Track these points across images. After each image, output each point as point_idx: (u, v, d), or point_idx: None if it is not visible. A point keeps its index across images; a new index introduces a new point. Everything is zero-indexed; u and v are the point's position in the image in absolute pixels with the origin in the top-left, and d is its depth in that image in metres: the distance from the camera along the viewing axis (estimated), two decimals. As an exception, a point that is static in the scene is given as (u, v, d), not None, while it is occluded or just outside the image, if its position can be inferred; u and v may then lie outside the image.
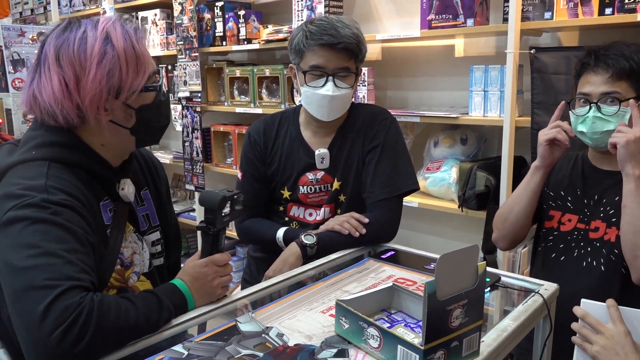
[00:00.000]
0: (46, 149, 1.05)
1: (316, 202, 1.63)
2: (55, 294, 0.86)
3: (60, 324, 0.84)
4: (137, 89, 1.07)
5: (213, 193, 1.12)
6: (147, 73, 1.08)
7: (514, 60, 1.97)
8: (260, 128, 1.68)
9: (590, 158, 1.58)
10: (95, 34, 1.04)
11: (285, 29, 2.74)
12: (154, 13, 3.48)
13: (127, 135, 1.12)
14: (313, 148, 1.62)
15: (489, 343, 0.96)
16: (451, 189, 2.26)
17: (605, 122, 1.40)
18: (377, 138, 1.59)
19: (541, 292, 1.19)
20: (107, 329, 0.89)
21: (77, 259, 0.93)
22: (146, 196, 1.26)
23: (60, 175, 1.02)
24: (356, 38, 1.50)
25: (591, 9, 1.84)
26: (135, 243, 1.19)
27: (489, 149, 2.40)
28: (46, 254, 0.90)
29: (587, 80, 1.44)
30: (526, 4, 1.98)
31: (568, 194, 1.56)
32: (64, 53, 1.03)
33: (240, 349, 0.94)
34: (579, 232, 1.52)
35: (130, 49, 1.06)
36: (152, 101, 1.11)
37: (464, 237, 2.49)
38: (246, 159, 1.68)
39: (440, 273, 0.81)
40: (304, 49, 1.51)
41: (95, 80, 1.02)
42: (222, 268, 1.13)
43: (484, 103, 2.15)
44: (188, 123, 3.29)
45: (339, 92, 1.52)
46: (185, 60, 3.22)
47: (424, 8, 2.21)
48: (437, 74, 2.54)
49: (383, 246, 1.54)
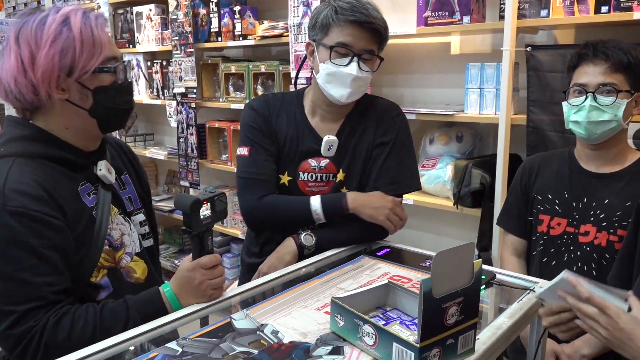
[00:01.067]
0: (11, 145, 1.09)
1: (314, 192, 1.55)
2: (12, 320, 0.95)
3: (14, 348, 0.95)
4: (90, 69, 1.08)
5: (186, 197, 1.12)
6: (102, 56, 1.10)
7: (510, 58, 1.97)
8: (263, 102, 1.58)
9: (577, 157, 1.57)
10: (54, 17, 1.07)
11: (280, 25, 2.72)
12: (149, 8, 3.45)
13: (87, 117, 1.12)
14: (320, 134, 1.54)
15: (484, 341, 0.96)
16: (446, 186, 2.26)
17: (600, 112, 1.41)
18: (389, 133, 1.55)
19: (536, 289, 1.19)
20: (58, 346, 0.97)
21: (33, 274, 0.98)
22: (127, 180, 1.29)
23: (23, 171, 1.04)
24: (384, 23, 1.48)
25: (587, 7, 1.84)
26: (122, 224, 1.22)
27: (485, 147, 2.40)
28: (1, 277, 0.97)
29: (584, 71, 1.44)
30: (522, 1, 1.98)
31: (556, 197, 1.56)
32: (23, 33, 1.07)
33: (235, 346, 0.94)
34: (569, 236, 1.52)
35: (88, 31, 1.08)
36: (109, 83, 1.12)
37: (459, 234, 2.49)
38: (252, 130, 1.54)
39: (436, 270, 0.81)
40: (332, 22, 1.44)
41: (47, 56, 1.04)
42: (210, 271, 1.12)
43: (479, 100, 2.15)
44: (183, 119, 3.28)
45: (362, 74, 1.45)
46: (180, 56, 3.20)
47: (420, 5, 2.21)
48: (433, 71, 2.54)
49: (378, 243, 1.54)
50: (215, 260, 1.13)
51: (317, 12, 1.49)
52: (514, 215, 1.68)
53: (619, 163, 1.50)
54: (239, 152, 1.55)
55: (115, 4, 3.71)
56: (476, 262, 0.87)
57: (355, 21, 1.42)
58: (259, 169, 1.51)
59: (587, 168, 1.54)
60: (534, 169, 1.64)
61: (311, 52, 1.53)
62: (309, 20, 1.53)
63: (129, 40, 3.66)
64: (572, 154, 1.59)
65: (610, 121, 1.42)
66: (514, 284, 1.27)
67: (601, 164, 1.52)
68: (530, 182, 1.63)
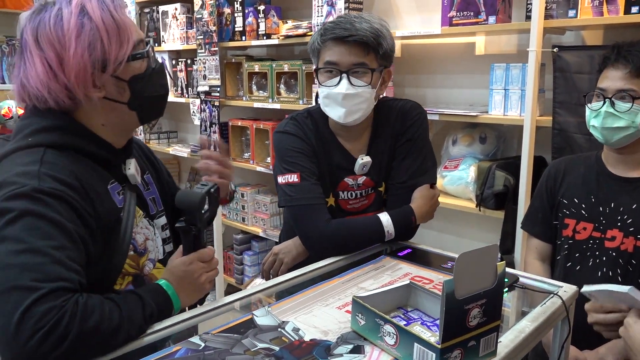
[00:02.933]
0: (42, 135, 1.01)
1: (356, 209, 1.57)
2: (37, 295, 0.82)
3: (39, 328, 0.80)
4: (124, 58, 1.02)
5: (190, 193, 1.07)
6: (131, 41, 1.03)
7: (536, 59, 1.95)
8: (295, 126, 1.52)
9: (604, 160, 1.54)
10: (70, 9, 0.99)
11: (304, 25, 2.73)
12: (174, 7, 3.50)
13: (127, 111, 1.07)
14: (351, 153, 1.53)
15: (507, 344, 0.95)
16: (469, 187, 2.24)
17: (616, 118, 1.39)
18: (412, 132, 1.54)
19: (560, 293, 1.17)
20: (89, 332, 0.85)
21: (65, 256, 0.89)
22: (149, 180, 1.23)
23: (56, 161, 0.98)
24: (374, 32, 1.39)
25: (617, 7, 1.81)
26: (146, 229, 1.16)
27: (509, 148, 2.38)
28: (32, 251, 0.86)
29: (605, 75, 1.42)
30: (550, 1, 1.95)
31: (582, 202, 1.53)
32: (42, 34, 0.99)
33: (256, 342, 0.95)
34: (595, 241, 1.49)
35: (109, 17, 1.00)
36: (144, 70, 1.06)
37: (481, 236, 2.47)
38: (297, 156, 1.47)
39: (459, 272, 0.81)
40: (318, 46, 1.44)
41: (77, 55, 0.97)
42: (207, 263, 1.10)
43: (504, 102, 2.13)
44: (206, 117, 3.31)
45: (354, 90, 1.40)
46: (204, 54, 3.24)
47: (445, 5, 2.19)
48: (457, 71, 2.52)
49: (400, 244, 1.53)
50: (212, 253, 1.12)
51: (310, 40, 1.49)
52: (539, 220, 1.66)
53: None
54: (287, 180, 1.46)
55: (141, 3, 3.76)
56: (499, 264, 0.86)
57: (336, 37, 1.39)
58: (315, 193, 1.45)
59: (615, 172, 1.51)
60: (560, 172, 1.62)
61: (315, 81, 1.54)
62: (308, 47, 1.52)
63: (155, 38, 3.71)
64: (599, 157, 1.56)
65: (627, 127, 1.40)
66: (537, 287, 1.25)
67: (628, 168, 1.49)
68: (556, 186, 1.61)
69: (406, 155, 1.54)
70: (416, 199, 1.51)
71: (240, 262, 3.40)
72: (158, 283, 1.05)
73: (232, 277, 3.44)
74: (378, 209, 1.59)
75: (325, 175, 1.52)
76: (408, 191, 1.53)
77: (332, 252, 1.44)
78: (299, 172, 1.45)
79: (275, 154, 1.54)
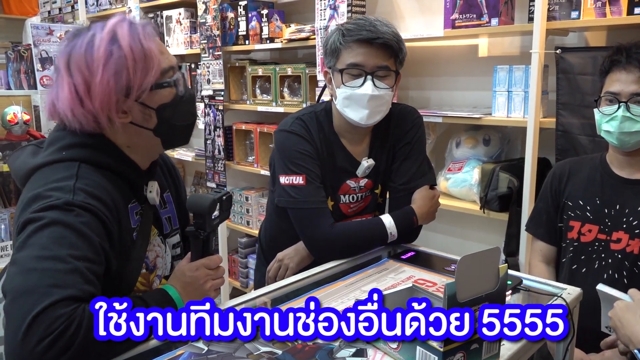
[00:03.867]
0: (76, 150, 1.04)
1: (355, 212, 1.58)
2: (50, 301, 0.83)
3: (47, 334, 0.81)
4: (147, 87, 1.03)
5: (201, 197, 1.07)
6: (157, 69, 1.04)
7: (539, 61, 1.94)
8: (301, 126, 1.51)
9: (609, 162, 1.54)
10: (102, 35, 1.01)
11: (307, 28, 2.74)
12: (178, 12, 3.52)
13: (151, 136, 1.09)
14: (354, 155, 1.54)
15: (510, 347, 0.95)
16: (473, 190, 2.23)
17: (634, 122, 1.37)
18: (410, 136, 1.56)
19: (564, 296, 1.17)
20: (95, 341, 0.86)
21: (85, 267, 0.90)
22: (168, 199, 1.25)
23: (90, 176, 1.01)
24: (396, 36, 1.43)
25: (620, 8, 1.81)
26: (158, 246, 1.19)
27: (512, 150, 2.37)
28: (54, 258, 0.88)
29: (616, 78, 1.40)
30: (552, 3, 1.95)
31: (587, 204, 1.52)
32: (73, 59, 1.02)
33: (259, 346, 0.95)
34: (600, 243, 1.48)
35: (138, 45, 1.01)
36: (171, 99, 1.07)
37: (485, 239, 2.46)
38: (302, 157, 1.46)
39: (461, 275, 0.81)
40: (340, 46, 1.43)
41: (102, 82, 1.00)
42: (214, 271, 1.11)
43: (507, 103, 2.12)
44: (210, 121, 3.32)
45: (379, 92, 1.42)
46: (208, 58, 3.25)
47: (448, 7, 2.19)
48: (460, 73, 2.52)
49: (403, 246, 1.53)
50: (219, 260, 1.12)
51: (327, 39, 1.48)
52: (543, 222, 1.65)
53: None
54: (292, 182, 1.44)
55: (145, 8, 3.78)
56: (502, 266, 0.86)
57: (362, 39, 1.40)
58: (319, 197, 1.45)
59: (620, 174, 1.50)
60: (565, 174, 1.61)
61: (329, 80, 1.52)
62: (322, 48, 1.51)
63: (159, 43, 3.72)
64: (603, 159, 1.56)
65: None
66: (542, 289, 1.25)
67: (634, 170, 1.48)
68: (560, 188, 1.61)
69: (405, 158, 1.56)
70: (417, 200, 1.52)
71: (245, 266, 3.40)
72: (164, 288, 1.06)
73: (237, 280, 3.45)
74: (372, 212, 1.61)
75: (327, 178, 1.52)
76: (408, 193, 1.54)
77: (337, 256, 1.44)
78: (305, 175, 1.45)
79: (279, 152, 1.51)
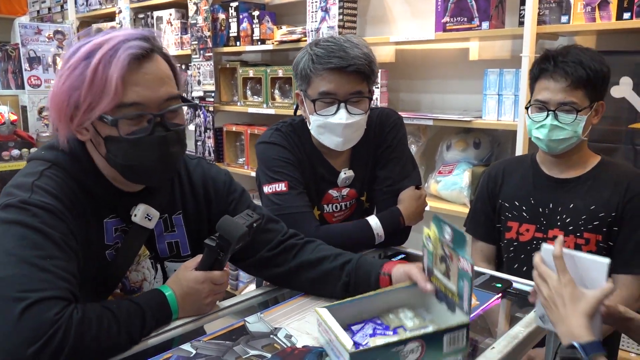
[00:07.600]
0: (53, 152, 1.03)
1: (340, 220, 1.57)
2: (24, 305, 0.81)
3: (35, 340, 0.79)
4: (96, 114, 0.96)
5: (236, 225, 1.02)
6: (112, 101, 0.95)
7: (529, 64, 1.95)
8: (280, 136, 1.50)
9: (539, 162, 1.58)
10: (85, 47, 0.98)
11: (299, 30, 2.74)
12: (169, 13, 3.50)
13: (108, 164, 1.03)
14: (334, 166, 1.53)
15: (500, 350, 0.95)
16: (463, 192, 2.24)
17: (561, 130, 1.42)
18: (391, 138, 1.55)
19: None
20: (85, 348, 0.84)
21: (53, 265, 0.88)
22: (178, 222, 1.16)
23: (56, 178, 0.99)
24: (367, 58, 1.38)
25: (609, 13, 1.82)
26: (148, 270, 1.13)
27: (503, 153, 2.38)
28: (20, 262, 0.86)
29: (545, 87, 1.43)
30: (543, 7, 1.96)
31: (522, 204, 1.56)
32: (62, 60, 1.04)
33: (248, 349, 0.94)
34: (538, 242, 1.52)
35: (103, 72, 0.95)
36: (118, 134, 0.97)
37: (475, 241, 2.47)
38: (283, 165, 1.45)
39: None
40: (310, 74, 1.39)
41: (61, 90, 0.98)
42: (218, 286, 1.08)
43: (498, 107, 2.13)
44: (201, 122, 3.30)
45: (353, 119, 1.39)
46: (199, 60, 3.24)
47: (439, 10, 2.20)
48: (451, 76, 2.52)
49: (393, 249, 1.53)
50: (226, 277, 1.09)
51: (297, 62, 1.44)
52: (481, 222, 1.68)
53: (581, 168, 1.51)
54: (275, 190, 1.43)
55: (136, 9, 3.76)
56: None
57: (333, 68, 1.36)
58: (303, 201, 1.44)
59: (550, 174, 1.54)
60: (499, 175, 1.64)
61: (301, 102, 1.49)
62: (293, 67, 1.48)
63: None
64: (534, 159, 1.60)
65: (571, 137, 1.43)
66: (531, 292, 1.25)
67: (563, 169, 1.53)
68: (496, 189, 1.63)
69: (388, 161, 1.55)
70: (403, 200, 1.51)
71: (235, 268, 3.39)
72: (164, 293, 1.03)
73: (226, 283, 3.43)
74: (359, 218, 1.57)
75: (310, 187, 1.50)
76: (394, 195, 1.53)
77: None
78: (287, 181, 1.43)
79: (260, 164, 1.50)
